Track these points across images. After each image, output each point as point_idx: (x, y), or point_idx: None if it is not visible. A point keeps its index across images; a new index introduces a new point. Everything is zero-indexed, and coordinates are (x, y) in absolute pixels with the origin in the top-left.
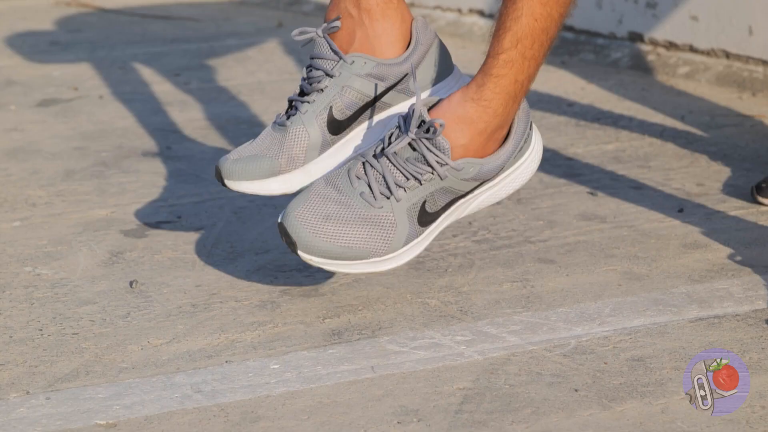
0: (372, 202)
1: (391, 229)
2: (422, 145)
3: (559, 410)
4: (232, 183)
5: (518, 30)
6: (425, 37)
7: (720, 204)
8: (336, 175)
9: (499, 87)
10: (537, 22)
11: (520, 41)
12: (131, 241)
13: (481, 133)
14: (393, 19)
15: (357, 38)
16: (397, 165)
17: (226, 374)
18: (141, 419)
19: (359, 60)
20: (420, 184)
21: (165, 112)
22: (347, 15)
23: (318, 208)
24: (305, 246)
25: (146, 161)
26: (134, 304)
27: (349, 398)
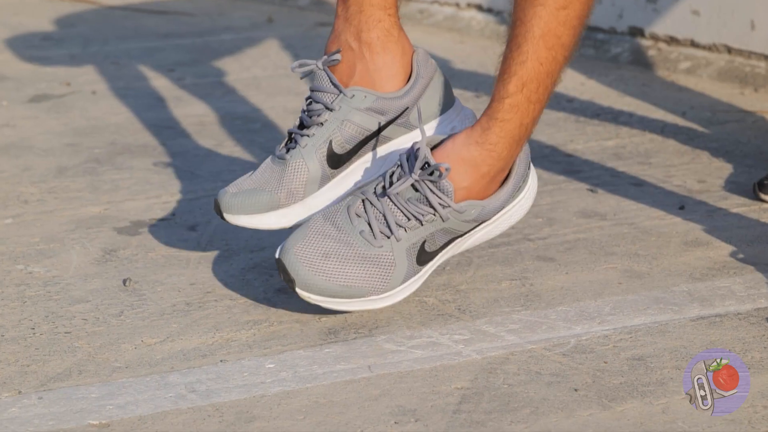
0: (372, 241)
1: (390, 268)
2: (425, 186)
3: (559, 410)
4: (230, 217)
5: (524, 74)
6: (426, 70)
7: (722, 201)
8: (334, 211)
9: (504, 131)
10: (542, 66)
11: (525, 85)
12: (124, 238)
13: (484, 176)
14: (394, 53)
15: (357, 71)
16: (398, 205)
17: (221, 373)
18: (134, 419)
19: (359, 94)
20: (421, 224)
21: (159, 107)
22: (348, 48)
23: (317, 246)
24: (304, 284)
25: (140, 158)
26: (128, 303)
27: (345, 398)
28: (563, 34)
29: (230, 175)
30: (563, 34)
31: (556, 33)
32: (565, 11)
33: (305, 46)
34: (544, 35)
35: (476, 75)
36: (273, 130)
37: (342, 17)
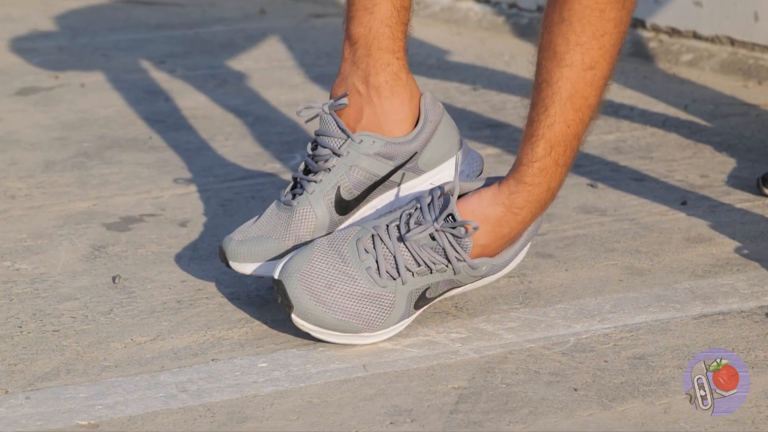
0: (377, 280)
1: (388, 310)
2: (445, 238)
3: (558, 410)
4: (237, 265)
5: (552, 137)
6: (434, 114)
7: (724, 196)
8: (341, 239)
9: (532, 196)
10: (569, 128)
11: (553, 148)
12: (114, 234)
13: (503, 237)
14: (402, 96)
15: (365, 116)
16: (410, 249)
17: (213, 373)
18: (124, 419)
19: (367, 139)
20: (430, 272)
21: (149, 100)
22: (355, 92)
23: (320, 275)
24: (302, 312)
25: (129, 152)
26: (117, 300)
27: (339, 398)
28: (590, 95)
29: (222, 169)
30: (590, 95)
31: (584, 94)
32: (592, 72)
33: (298, 38)
34: (571, 97)
35: (473, 67)
36: (266, 124)
37: (349, 60)
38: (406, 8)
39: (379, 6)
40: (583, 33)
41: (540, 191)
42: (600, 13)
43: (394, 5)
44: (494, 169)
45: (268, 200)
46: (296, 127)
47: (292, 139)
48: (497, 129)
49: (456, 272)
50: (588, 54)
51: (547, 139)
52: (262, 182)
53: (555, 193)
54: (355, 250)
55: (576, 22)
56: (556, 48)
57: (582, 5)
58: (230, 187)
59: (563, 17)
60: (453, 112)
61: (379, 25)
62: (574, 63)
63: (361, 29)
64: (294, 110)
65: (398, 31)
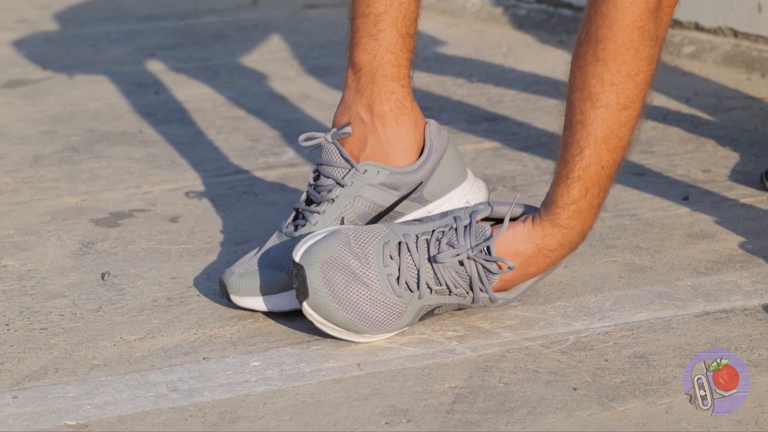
0: (395, 288)
1: (397, 318)
2: (475, 268)
3: (557, 410)
4: (238, 299)
5: (587, 179)
6: (439, 143)
7: (727, 191)
8: (368, 238)
9: (565, 239)
10: (604, 170)
11: (588, 190)
12: (103, 230)
13: (528, 275)
14: (407, 125)
15: (369, 145)
16: (435, 267)
17: (204, 372)
18: (113, 419)
19: (372, 169)
20: (449, 294)
21: (139, 93)
22: (359, 120)
23: (342, 271)
24: (315, 304)
25: (119, 146)
26: (106, 298)
27: (334, 397)
28: (624, 135)
29: (213, 164)
30: (624, 135)
31: (618, 134)
32: (627, 111)
33: (292, 30)
34: (606, 138)
35: (470, 60)
36: (258, 117)
37: (352, 88)
38: (411, 35)
39: (384, 33)
40: (618, 72)
41: (573, 234)
42: (635, 52)
43: (399, 32)
44: (491, 164)
45: (260, 195)
46: (289, 120)
47: (285, 133)
48: (495, 122)
49: (475, 301)
50: (623, 94)
51: (583, 181)
52: (255, 177)
53: (586, 236)
54: (380, 254)
55: (611, 61)
56: (590, 88)
57: (617, 44)
58: (222, 182)
59: (597, 57)
60: (449, 105)
61: (384, 52)
62: (610, 103)
63: (366, 56)
64: (288, 103)
65: (403, 59)
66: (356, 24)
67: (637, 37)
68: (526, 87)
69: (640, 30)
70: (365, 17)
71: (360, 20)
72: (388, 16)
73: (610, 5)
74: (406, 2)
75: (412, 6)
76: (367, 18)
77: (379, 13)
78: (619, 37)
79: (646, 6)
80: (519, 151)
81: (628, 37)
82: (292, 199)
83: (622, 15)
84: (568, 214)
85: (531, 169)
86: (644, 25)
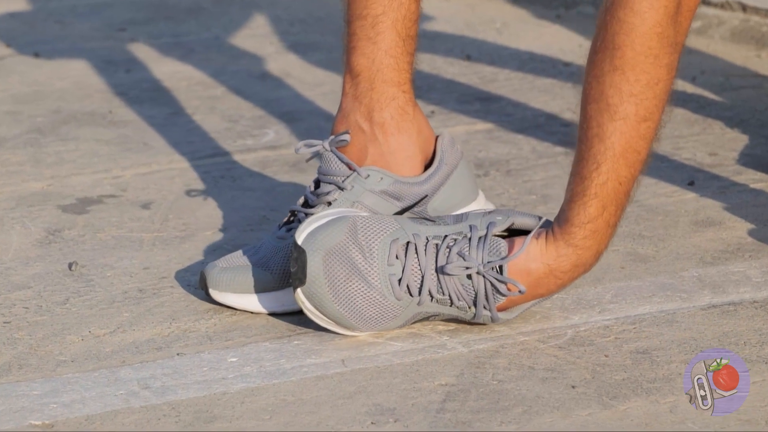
0: (395, 290)
1: (390, 319)
2: (482, 285)
3: (554, 409)
4: (216, 294)
5: (605, 196)
6: (451, 157)
7: (736, 176)
8: (376, 232)
9: (580, 260)
10: (622, 186)
11: (606, 208)
12: (70, 217)
13: (536, 297)
14: (409, 132)
15: (370, 155)
16: (440, 277)
17: (178, 368)
18: (81, 419)
19: (375, 175)
20: (450, 305)
21: (109, 71)
22: (358, 129)
23: (344, 262)
24: (310, 293)
25: (87, 127)
26: (74, 289)
27: (316, 396)
28: (642, 149)
29: (188, 146)
30: (642, 148)
31: (637, 148)
32: (646, 123)
33: (270, 3)
34: (624, 152)
35: (463, 37)
36: (236, 97)
37: (350, 95)
38: (411, 37)
39: (383, 35)
40: (638, 82)
41: (588, 255)
42: (654, 60)
43: (399, 34)
44: (484, 146)
45: (238, 180)
46: (269, 100)
47: (264, 114)
48: (488, 102)
49: (475, 317)
50: (642, 105)
51: (600, 199)
52: (233, 160)
53: (601, 256)
54: (386, 251)
55: (629, 70)
56: (608, 100)
57: (635, 52)
58: (197, 166)
59: (615, 65)
60: (439, 84)
61: (383, 56)
62: (628, 115)
63: (364, 61)
64: (267, 82)
65: (404, 62)
66: (353, 27)
67: (657, 43)
68: (522, 65)
69: (660, 36)
70: (362, 19)
71: (357, 23)
72: (387, 18)
73: (628, 10)
74: (406, 2)
75: (412, 6)
76: (365, 20)
77: (377, 14)
78: (637, 43)
79: (665, 11)
80: (514, 133)
81: (647, 43)
82: (273, 185)
83: (641, 20)
84: (584, 233)
85: (527, 153)
86: (664, 31)
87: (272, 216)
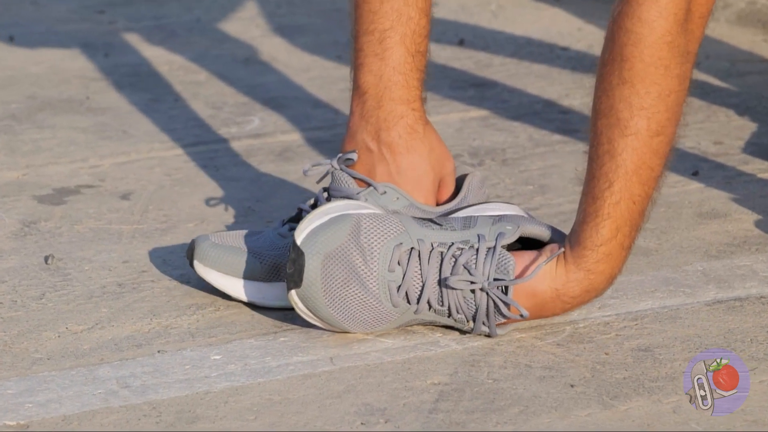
0: (392, 296)
1: (384, 323)
2: (485, 302)
3: (552, 409)
4: (200, 267)
5: (618, 217)
6: (475, 198)
7: (742, 165)
8: (380, 236)
9: (592, 286)
10: (635, 205)
11: (619, 230)
12: (47, 208)
13: (539, 317)
14: (419, 151)
15: (378, 174)
16: (443, 290)
17: (159, 366)
18: (57, 419)
19: (392, 193)
20: (448, 316)
21: (86, 56)
22: (365, 149)
23: (344, 266)
24: (305, 296)
25: (64, 114)
26: (50, 284)
27: (303, 395)
28: (656, 166)
29: (170, 134)
30: (656, 165)
31: (650, 165)
32: (659, 138)
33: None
34: (637, 170)
35: (456, 20)
36: (220, 82)
37: (357, 114)
38: (421, 53)
39: (391, 51)
40: (648, 95)
41: (601, 280)
42: (665, 71)
43: (408, 50)
44: (479, 134)
45: (221, 169)
46: (254, 86)
47: (249, 100)
48: (483, 89)
49: (473, 331)
50: (654, 118)
51: (613, 219)
52: (216, 149)
53: (613, 282)
54: (388, 256)
55: (639, 83)
56: (618, 114)
57: (645, 63)
58: (179, 155)
59: (624, 78)
60: (432, 69)
61: (392, 72)
62: (640, 130)
63: (371, 78)
64: (252, 67)
65: (413, 79)
66: (359, 42)
67: (667, 53)
68: (518, 49)
69: (670, 45)
70: (369, 35)
71: (364, 38)
72: (395, 33)
73: (636, 20)
74: (416, 17)
75: (422, 21)
76: (372, 35)
77: (384, 29)
78: (646, 54)
79: (674, 18)
80: (510, 121)
81: (657, 54)
82: (257, 174)
83: (650, 30)
84: (597, 257)
85: (523, 141)
86: (674, 40)
87: (257, 207)
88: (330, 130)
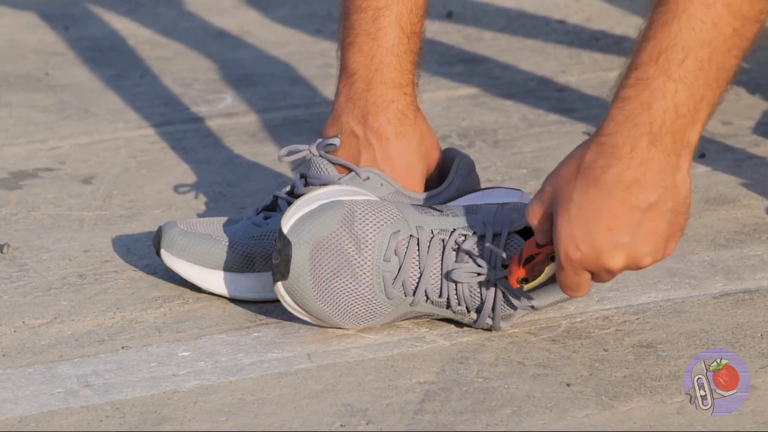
0: (386, 288)
1: (376, 317)
2: (492, 297)
3: (547, 410)
4: (167, 257)
5: (663, 38)
6: (464, 183)
7: (753, 147)
8: (375, 220)
9: None
10: (694, 31)
11: (663, 52)
12: (2, 193)
13: None
14: (409, 138)
15: (362, 161)
16: (444, 282)
17: (123, 364)
18: (13, 420)
19: (375, 179)
20: (446, 308)
21: (45, 28)
22: (349, 134)
23: (335, 255)
24: (292, 289)
25: (21, 92)
26: (5, 274)
27: (279, 395)
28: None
29: (135, 113)
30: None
31: None
32: None
33: None
34: None
35: None
36: (189, 58)
37: (344, 96)
38: (416, 34)
39: (385, 31)
40: None
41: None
42: None
43: (404, 30)
44: (469, 113)
45: (191, 151)
46: (225, 62)
47: (220, 77)
48: (473, 64)
49: (476, 323)
50: None
51: (657, 41)
52: (184, 129)
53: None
54: (384, 245)
55: None
56: None
57: None
58: (145, 136)
59: None
60: None
61: (384, 54)
62: None
63: (361, 59)
64: (224, 41)
65: (407, 61)
66: (350, 20)
67: None
68: (510, 22)
69: None
70: (362, 12)
71: (355, 16)
72: (391, 12)
73: None
74: None
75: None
76: (365, 13)
77: (379, 7)
78: None
79: None
80: (502, 99)
81: None
82: (229, 156)
83: None
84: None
85: (516, 121)
86: None
87: (229, 192)
88: (308, 109)
